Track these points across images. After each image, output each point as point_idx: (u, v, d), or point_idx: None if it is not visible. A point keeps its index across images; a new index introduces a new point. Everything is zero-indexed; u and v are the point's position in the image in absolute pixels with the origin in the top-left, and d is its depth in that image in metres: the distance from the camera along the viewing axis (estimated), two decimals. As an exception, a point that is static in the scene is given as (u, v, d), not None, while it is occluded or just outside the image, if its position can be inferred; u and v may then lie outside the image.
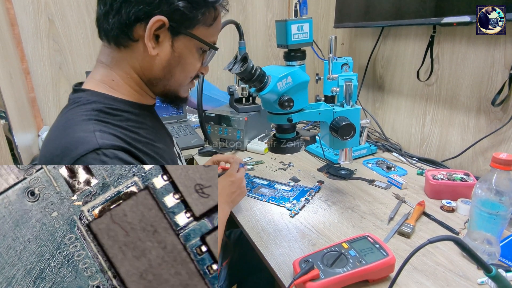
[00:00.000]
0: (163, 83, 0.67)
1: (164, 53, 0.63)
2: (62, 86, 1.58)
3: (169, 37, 0.61)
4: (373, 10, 1.34)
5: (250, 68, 0.74)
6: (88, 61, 1.59)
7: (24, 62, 1.47)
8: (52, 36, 1.51)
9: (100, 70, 0.65)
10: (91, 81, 0.65)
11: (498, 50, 0.99)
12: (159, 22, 0.58)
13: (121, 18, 0.59)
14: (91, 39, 1.58)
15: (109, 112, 0.60)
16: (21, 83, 1.41)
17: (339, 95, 0.89)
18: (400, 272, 0.50)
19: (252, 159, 1.27)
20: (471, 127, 1.11)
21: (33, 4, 1.44)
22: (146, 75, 0.66)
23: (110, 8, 0.59)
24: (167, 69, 0.65)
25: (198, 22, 0.62)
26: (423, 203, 0.91)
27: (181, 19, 0.60)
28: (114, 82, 0.65)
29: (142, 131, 0.64)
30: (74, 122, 0.56)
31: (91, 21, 1.55)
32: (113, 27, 0.60)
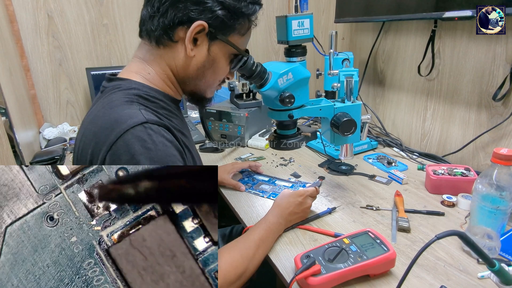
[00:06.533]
0: (195, 83, 0.72)
1: (200, 55, 0.68)
2: (62, 83, 1.57)
3: (206, 41, 0.67)
4: (373, 4, 1.33)
5: (250, 64, 0.74)
6: (88, 58, 1.59)
7: (24, 58, 1.47)
8: (52, 33, 1.50)
9: (137, 64, 0.70)
10: (127, 72, 0.69)
11: (500, 45, 0.98)
12: (200, 26, 0.64)
13: (166, 20, 0.64)
14: (91, 36, 1.57)
15: (148, 99, 0.64)
16: (21, 80, 1.41)
17: (340, 90, 0.89)
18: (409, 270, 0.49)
19: (253, 155, 1.27)
20: (472, 122, 1.11)
21: (32, 1, 1.44)
22: (180, 74, 0.70)
23: (157, 11, 0.64)
24: (201, 70, 0.70)
25: (234, 30, 0.68)
26: (398, 192, 0.94)
27: (220, 26, 0.66)
28: (150, 75, 0.69)
29: (174, 120, 0.69)
30: (119, 102, 0.61)
31: (90, 17, 1.54)
32: (157, 28, 0.65)
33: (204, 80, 0.72)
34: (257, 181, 1.06)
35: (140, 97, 0.63)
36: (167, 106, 0.69)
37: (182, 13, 0.63)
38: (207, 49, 0.67)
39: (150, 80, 0.69)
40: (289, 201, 0.81)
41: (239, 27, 0.68)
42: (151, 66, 0.69)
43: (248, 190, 1.01)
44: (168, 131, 0.60)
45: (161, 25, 0.64)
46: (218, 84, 0.76)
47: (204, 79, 0.72)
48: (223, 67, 0.72)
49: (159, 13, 0.64)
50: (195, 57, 0.67)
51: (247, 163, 1.12)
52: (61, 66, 1.55)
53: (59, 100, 1.59)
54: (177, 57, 0.68)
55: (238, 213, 0.90)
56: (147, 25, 0.67)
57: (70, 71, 1.58)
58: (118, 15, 1.59)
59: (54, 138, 1.45)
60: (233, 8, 0.65)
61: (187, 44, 0.65)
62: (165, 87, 0.71)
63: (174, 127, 0.64)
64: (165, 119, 0.64)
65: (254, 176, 1.10)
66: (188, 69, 0.69)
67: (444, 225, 0.82)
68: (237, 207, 0.93)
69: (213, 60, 0.69)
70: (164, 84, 0.71)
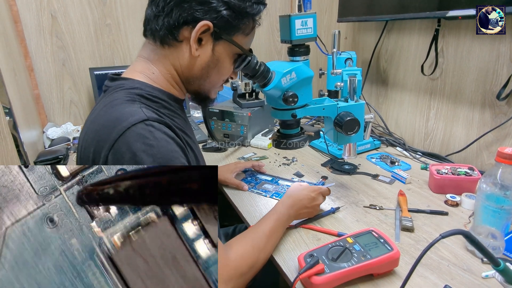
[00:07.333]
0: (199, 82, 0.72)
1: (205, 55, 0.68)
2: (65, 83, 1.58)
3: (211, 41, 0.67)
4: (376, 3, 1.33)
5: (254, 63, 0.74)
6: (91, 58, 1.59)
7: (27, 59, 1.48)
8: (55, 33, 1.51)
9: (142, 63, 0.70)
10: (131, 72, 0.69)
11: (504, 44, 0.98)
12: (205, 26, 0.64)
13: (171, 20, 0.64)
14: (94, 36, 1.58)
15: (150, 98, 0.65)
16: (25, 80, 1.41)
17: (343, 90, 0.88)
18: (414, 269, 0.49)
19: (255, 154, 1.27)
20: (475, 121, 1.10)
21: (35, 1, 1.45)
22: (185, 74, 0.71)
23: (162, 10, 0.64)
24: (205, 70, 0.70)
25: (238, 30, 0.68)
26: (402, 192, 0.93)
27: (225, 26, 0.66)
28: (154, 75, 0.69)
29: (176, 120, 0.69)
30: (121, 101, 0.61)
31: (94, 18, 1.55)
32: (161, 27, 0.65)
33: (209, 80, 0.72)
34: (260, 181, 1.06)
35: (142, 96, 0.64)
36: (169, 106, 0.69)
37: (187, 13, 0.63)
38: (211, 49, 0.68)
39: (154, 79, 0.69)
40: (303, 194, 0.82)
41: (244, 27, 0.68)
42: (155, 65, 0.69)
43: (251, 190, 1.01)
44: (169, 129, 0.60)
45: (166, 24, 0.65)
46: (221, 84, 0.76)
47: (209, 79, 0.72)
48: (227, 67, 0.72)
49: (164, 12, 0.64)
50: (200, 57, 0.68)
51: (250, 163, 1.12)
52: (65, 66, 1.56)
53: (62, 100, 1.60)
54: (182, 57, 0.68)
55: (241, 212, 0.90)
56: (152, 24, 0.67)
57: (74, 71, 1.58)
58: (121, 15, 1.60)
59: (58, 137, 1.45)
60: (238, 8, 0.65)
61: (192, 44, 0.65)
62: (169, 86, 0.71)
63: (176, 126, 0.65)
64: (167, 118, 0.64)
65: (257, 176, 1.10)
66: (192, 69, 0.69)
67: (448, 224, 0.82)
68: (240, 206, 0.93)
69: (218, 60, 0.69)
70: (168, 84, 0.71)
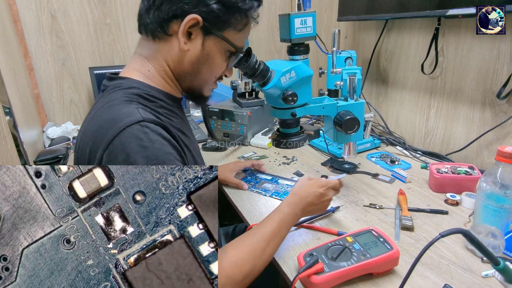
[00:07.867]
0: (190, 79, 0.71)
1: (194, 49, 0.67)
2: (65, 82, 1.58)
3: (201, 35, 0.66)
4: (376, 2, 1.32)
5: (253, 62, 0.74)
6: (91, 57, 1.59)
7: (27, 58, 1.48)
8: (55, 32, 1.51)
9: (138, 61, 0.70)
10: (129, 70, 0.69)
11: (504, 42, 0.98)
12: (193, 20, 0.63)
13: (161, 13, 0.64)
14: (94, 35, 1.58)
15: (147, 98, 0.64)
16: (25, 79, 1.41)
17: (343, 89, 0.88)
18: (413, 268, 0.49)
19: (255, 153, 1.27)
20: (476, 120, 1.10)
21: (35, 0, 1.44)
22: (176, 69, 0.70)
23: (152, 4, 0.64)
24: (196, 65, 0.69)
25: (229, 25, 0.67)
26: (402, 191, 0.93)
27: (215, 21, 0.65)
28: (150, 72, 0.69)
29: (174, 119, 0.69)
30: (118, 101, 0.61)
31: (94, 17, 1.55)
32: (152, 21, 0.65)
33: (200, 75, 0.71)
34: (260, 180, 1.06)
35: (139, 96, 0.63)
36: (167, 105, 0.69)
37: (176, 6, 0.63)
38: (201, 43, 0.67)
39: (150, 78, 0.69)
40: (308, 191, 0.76)
41: (235, 22, 0.67)
42: (150, 62, 0.69)
43: (250, 189, 1.01)
44: (165, 130, 0.60)
45: (156, 18, 0.64)
46: (214, 81, 0.75)
47: (200, 74, 0.71)
48: (219, 63, 0.71)
49: (154, 6, 0.64)
50: (189, 51, 0.67)
51: (250, 162, 1.12)
52: (65, 65, 1.56)
53: (62, 99, 1.60)
54: (172, 51, 0.67)
55: (241, 211, 0.90)
56: (144, 19, 0.67)
57: (73, 71, 1.58)
58: (121, 14, 1.60)
59: (58, 137, 1.45)
60: (229, 2, 0.64)
61: (180, 37, 0.64)
62: (165, 84, 0.71)
63: (173, 126, 0.64)
64: (164, 118, 0.64)
65: (257, 175, 1.10)
66: (182, 64, 0.69)
67: (448, 223, 0.82)
68: (240, 205, 0.93)
69: (208, 55, 0.68)
70: (163, 82, 0.71)
